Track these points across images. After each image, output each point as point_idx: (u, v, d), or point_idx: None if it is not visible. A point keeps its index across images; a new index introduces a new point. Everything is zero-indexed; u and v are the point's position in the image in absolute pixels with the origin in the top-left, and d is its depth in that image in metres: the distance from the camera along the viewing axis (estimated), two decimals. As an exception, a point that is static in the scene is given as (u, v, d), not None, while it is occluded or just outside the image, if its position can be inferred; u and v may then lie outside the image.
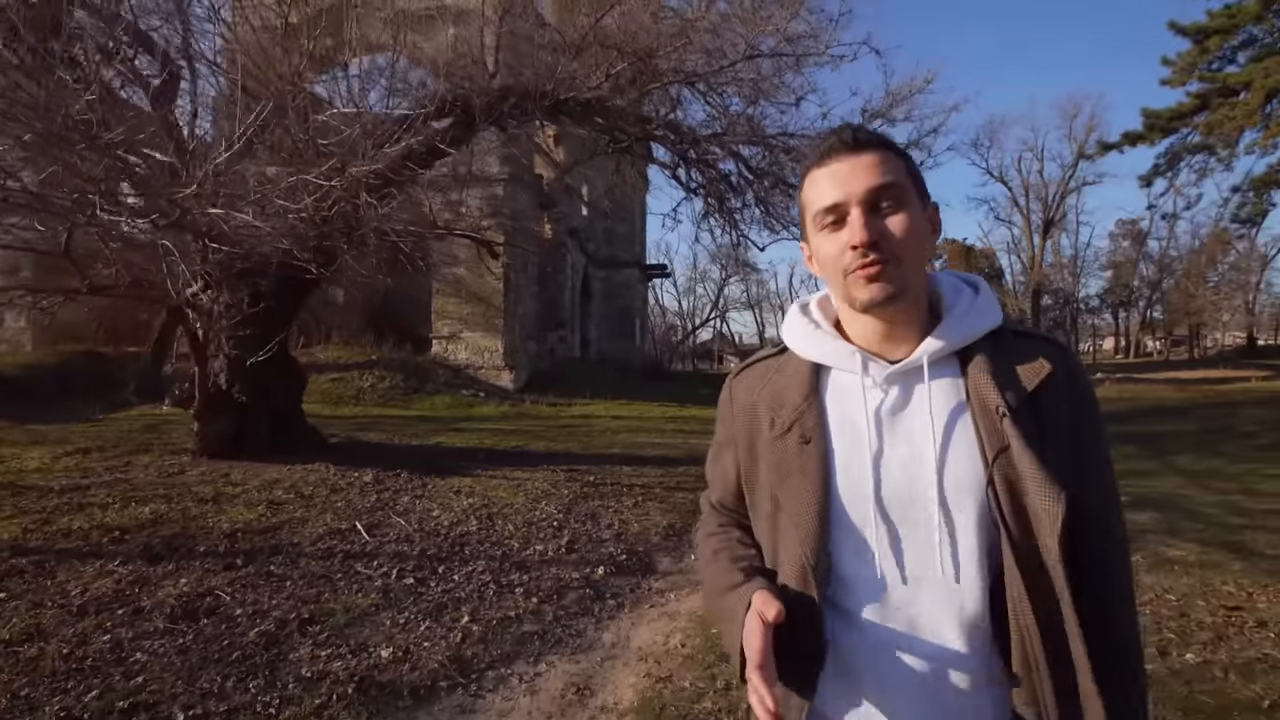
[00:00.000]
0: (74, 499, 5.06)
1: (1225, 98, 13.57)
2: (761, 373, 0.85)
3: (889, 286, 0.71)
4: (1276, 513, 4.80)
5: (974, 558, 0.70)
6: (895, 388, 0.76)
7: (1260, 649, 2.61)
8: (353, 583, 3.63)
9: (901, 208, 0.72)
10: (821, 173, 0.75)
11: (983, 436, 0.70)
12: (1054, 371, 0.72)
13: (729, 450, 0.88)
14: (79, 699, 2.39)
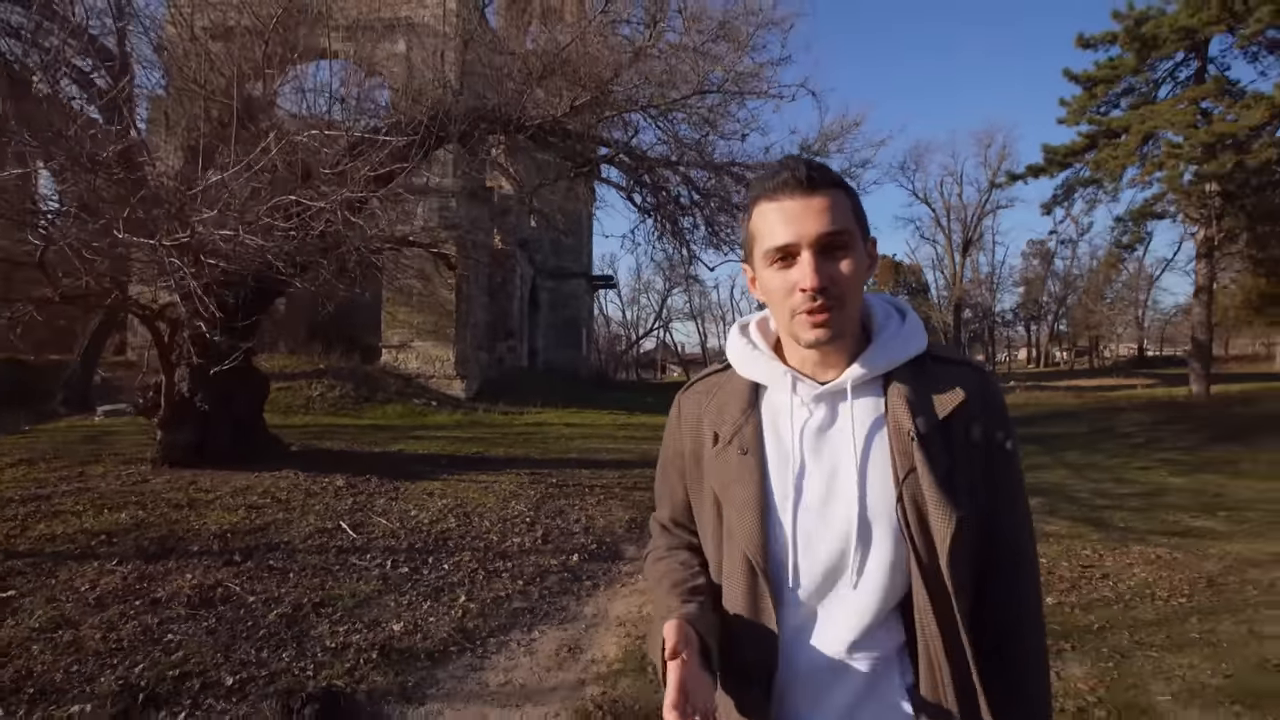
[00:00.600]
0: (42, 507, 5.13)
1: (1110, 138, 15.41)
2: (707, 388, 0.89)
3: (831, 330, 0.75)
4: (1133, 495, 5.81)
5: (883, 570, 0.74)
6: (822, 407, 0.80)
7: (1100, 593, 3.39)
8: (352, 573, 3.98)
9: (849, 252, 0.75)
10: (773, 207, 0.76)
11: (895, 458, 0.74)
12: (968, 399, 0.76)
13: (675, 464, 0.91)
14: (129, 671, 2.70)
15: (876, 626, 0.76)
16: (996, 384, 0.81)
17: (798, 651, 0.77)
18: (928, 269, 49.42)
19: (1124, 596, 3.35)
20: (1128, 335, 46.92)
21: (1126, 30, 14.55)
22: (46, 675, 2.64)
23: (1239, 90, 15.33)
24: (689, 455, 0.88)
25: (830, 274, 0.73)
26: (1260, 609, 3.11)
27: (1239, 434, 9.08)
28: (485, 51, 9.65)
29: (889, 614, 0.76)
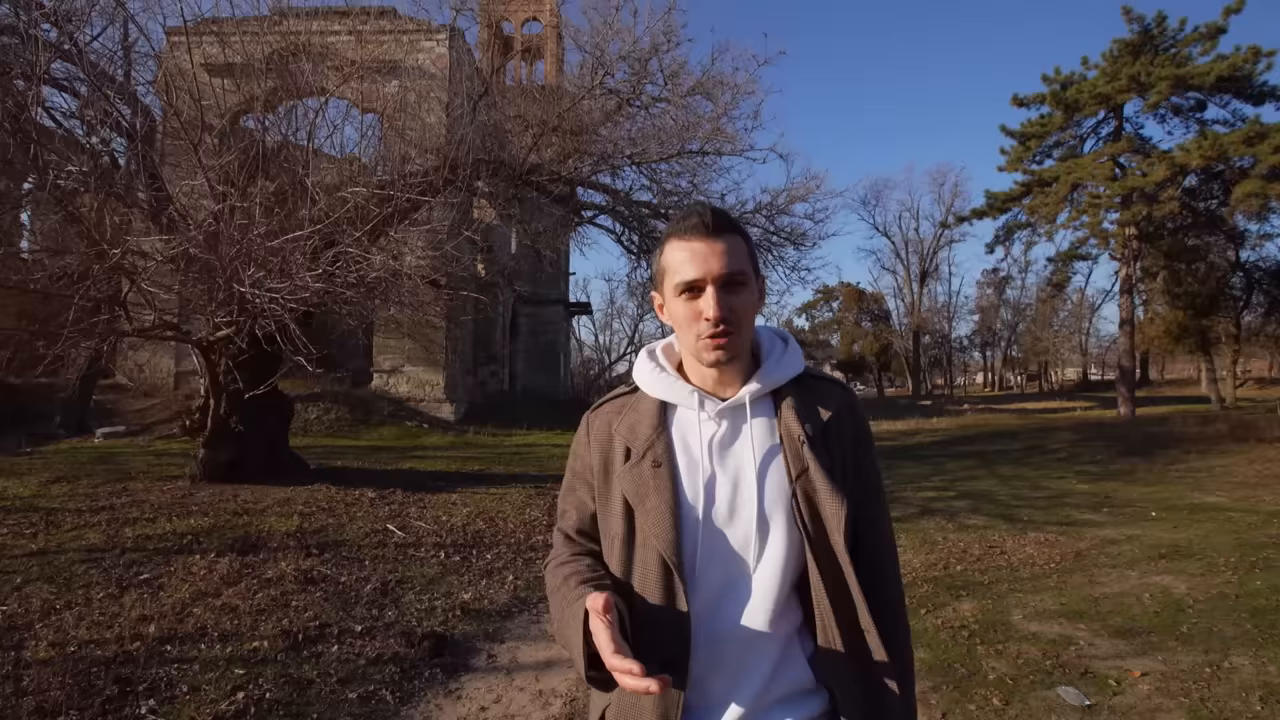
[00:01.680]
0: (115, 516, 5.89)
1: (1042, 187, 17.28)
2: (616, 408, 0.98)
3: (729, 352, 0.89)
4: (1042, 498, 7.08)
5: (780, 556, 0.87)
6: (725, 421, 0.92)
7: (997, 563, 4.54)
8: (415, 561, 4.89)
9: (744, 288, 0.89)
10: (682, 245, 0.89)
11: (789, 460, 0.88)
12: (839, 409, 0.93)
13: (583, 480, 0.99)
14: (279, 623, 3.59)
15: (778, 607, 0.87)
16: (856, 397, 0.99)
17: (712, 639, 0.87)
18: (890, 296, 51.80)
19: (1013, 565, 4.51)
20: (1073, 360, 49.94)
21: (1053, 94, 16.51)
22: (219, 626, 3.52)
23: (1150, 147, 17.41)
24: (598, 470, 0.96)
25: (730, 305, 0.87)
26: (1104, 569, 4.30)
27: (1143, 449, 10.56)
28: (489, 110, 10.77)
29: (788, 595, 0.87)
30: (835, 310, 49.76)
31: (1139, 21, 15.72)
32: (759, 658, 0.87)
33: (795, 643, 0.89)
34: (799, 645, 0.89)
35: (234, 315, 6.57)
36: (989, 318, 51.73)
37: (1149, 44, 15.81)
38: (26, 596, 3.82)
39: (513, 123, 10.67)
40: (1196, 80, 14.80)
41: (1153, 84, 14.78)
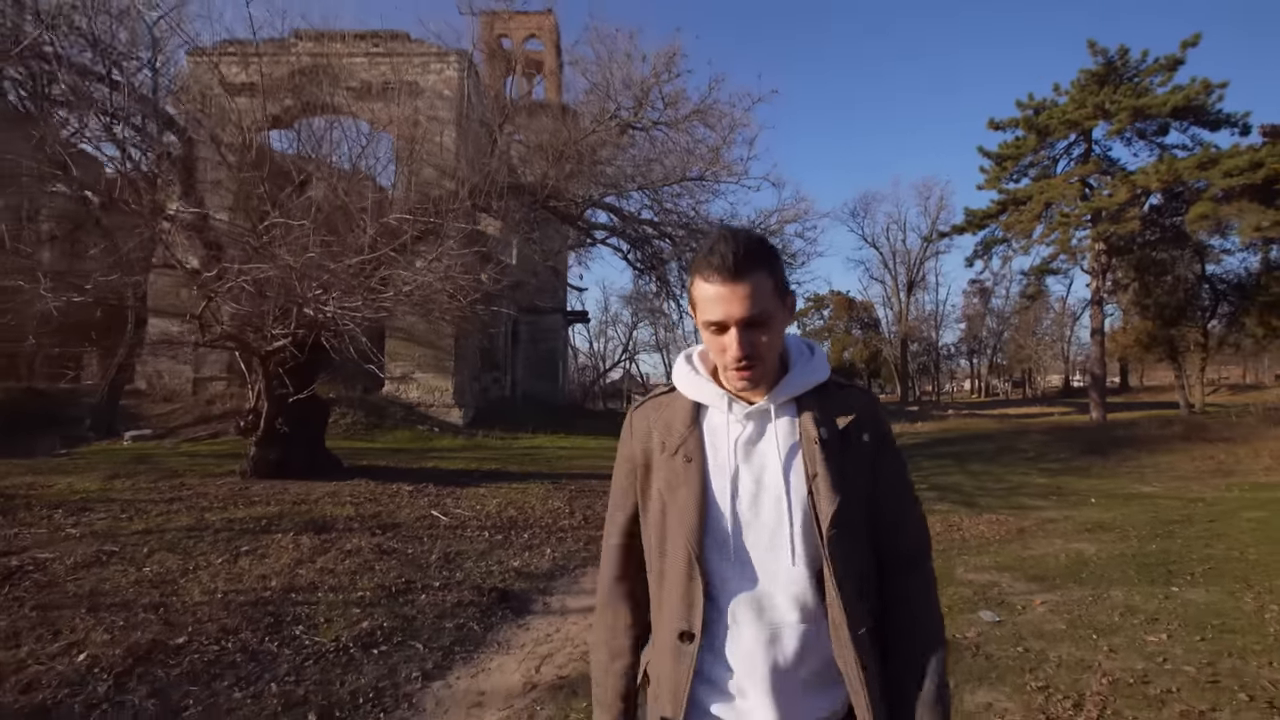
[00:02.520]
0: (189, 504, 6.72)
1: (1017, 205, 18.42)
2: (655, 406, 1.09)
3: (753, 382, 0.98)
4: (1002, 489, 8.07)
5: (800, 551, 0.95)
6: (752, 423, 1.01)
7: (954, 538, 5.49)
8: (464, 539, 5.77)
9: (767, 327, 0.96)
10: (708, 287, 0.95)
11: (807, 460, 0.97)
12: (859, 415, 1.01)
13: (631, 476, 1.09)
14: (371, 582, 4.47)
15: (800, 597, 0.95)
16: (878, 401, 1.08)
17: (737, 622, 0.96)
18: (879, 305, 53.02)
19: (965, 538, 5.47)
20: (1055, 367, 51.37)
21: (1026, 119, 17.67)
22: (325, 583, 4.39)
23: (1117, 169, 18.60)
24: (640, 462, 1.07)
25: (752, 342, 0.95)
26: (1037, 539, 5.26)
27: (1102, 449, 11.59)
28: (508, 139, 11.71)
29: (809, 587, 0.95)
30: (826, 318, 50.84)
31: (1103, 54, 16.94)
32: (786, 641, 0.94)
33: (821, 634, 0.95)
34: (826, 635, 0.95)
35: (292, 328, 7.46)
36: (975, 326, 53.08)
37: (1113, 74, 17.01)
38: (159, 562, 4.68)
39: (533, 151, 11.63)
40: (1153, 111, 16.00)
41: (1115, 113, 15.97)
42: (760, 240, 0.97)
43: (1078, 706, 2.46)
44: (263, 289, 6.87)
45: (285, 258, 6.59)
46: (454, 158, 10.99)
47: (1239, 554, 4.59)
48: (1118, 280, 20.70)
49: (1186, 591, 3.79)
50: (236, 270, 6.52)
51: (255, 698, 2.83)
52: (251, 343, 7.79)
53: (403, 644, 3.48)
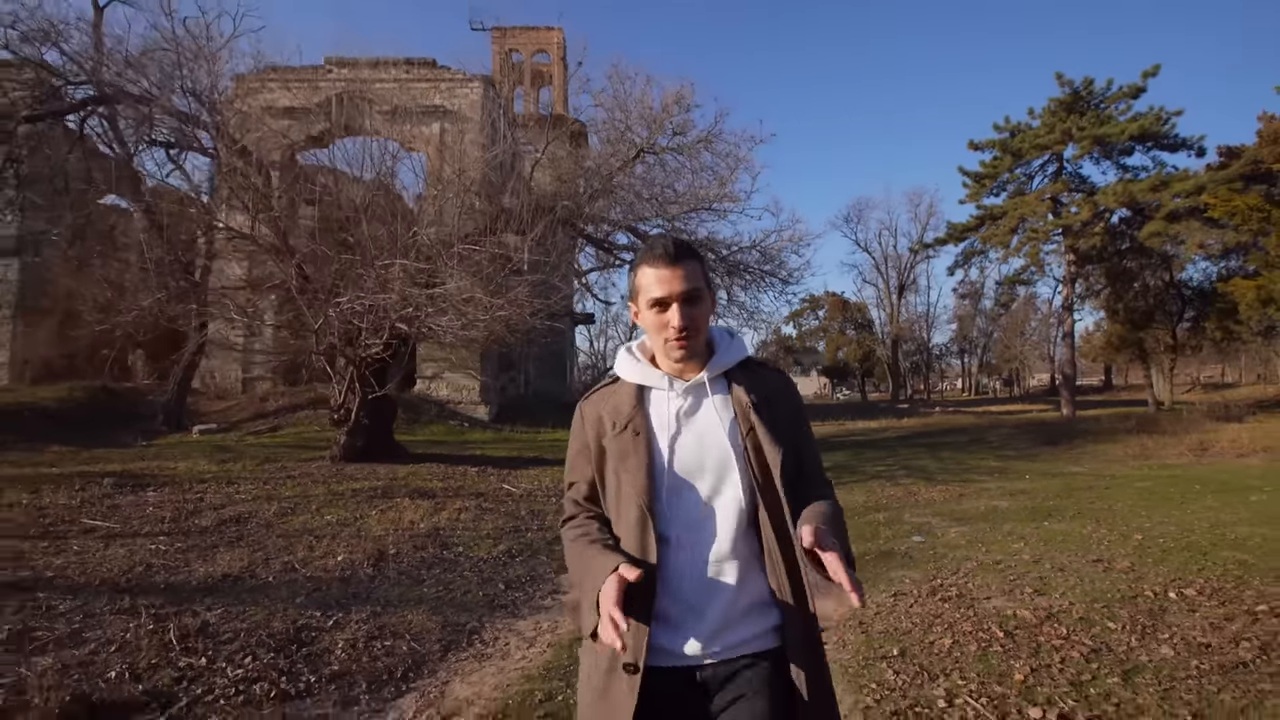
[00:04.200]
0: (305, 481, 8.43)
1: (994, 220, 20.22)
2: (602, 396, 1.30)
3: (690, 352, 1.20)
4: (959, 469, 9.88)
5: (737, 496, 1.16)
6: (690, 396, 1.22)
7: (908, 500, 7.29)
8: (538, 502, 7.53)
9: (701, 302, 1.19)
10: (651, 270, 1.18)
11: (740, 421, 1.19)
12: (778, 384, 1.26)
13: (584, 453, 1.29)
14: (489, 525, 6.22)
15: (738, 536, 1.15)
16: (790, 379, 1.33)
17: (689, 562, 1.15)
18: (872, 306, 54.91)
19: (917, 500, 7.26)
20: (1041, 366, 53.32)
21: (1001, 141, 19.45)
22: (455, 526, 6.14)
23: (1089, 186, 20.41)
24: (593, 445, 1.26)
25: (690, 316, 1.17)
26: (969, 499, 7.06)
27: (1056, 440, 13.42)
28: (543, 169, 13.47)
29: (746, 528, 1.15)
30: (821, 319, 52.51)
31: (1069, 85, 18.74)
32: (726, 577, 1.14)
33: (754, 565, 1.16)
34: (758, 567, 1.16)
35: (385, 339, 9.24)
36: (965, 326, 54.97)
37: (1079, 102, 18.81)
38: (330, 514, 6.42)
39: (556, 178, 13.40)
40: (1113, 139, 17.80)
41: (1079, 139, 17.77)
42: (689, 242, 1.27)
43: (954, 574, 4.26)
44: (371, 308, 8.63)
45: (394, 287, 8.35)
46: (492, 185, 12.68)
47: (1107, 506, 6.40)
48: (1090, 287, 22.54)
49: (1054, 525, 5.61)
50: (354, 295, 8.27)
51: (459, 578, 4.60)
52: (348, 351, 9.55)
53: (531, 556, 5.26)
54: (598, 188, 12.84)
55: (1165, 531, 5.15)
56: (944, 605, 3.64)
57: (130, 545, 4.97)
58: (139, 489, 7.43)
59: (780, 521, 1.14)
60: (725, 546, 1.14)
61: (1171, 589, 3.65)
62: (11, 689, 2.66)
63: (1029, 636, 3.09)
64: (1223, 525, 5.29)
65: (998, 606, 3.56)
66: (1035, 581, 3.97)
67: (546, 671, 3.11)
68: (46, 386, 16.84)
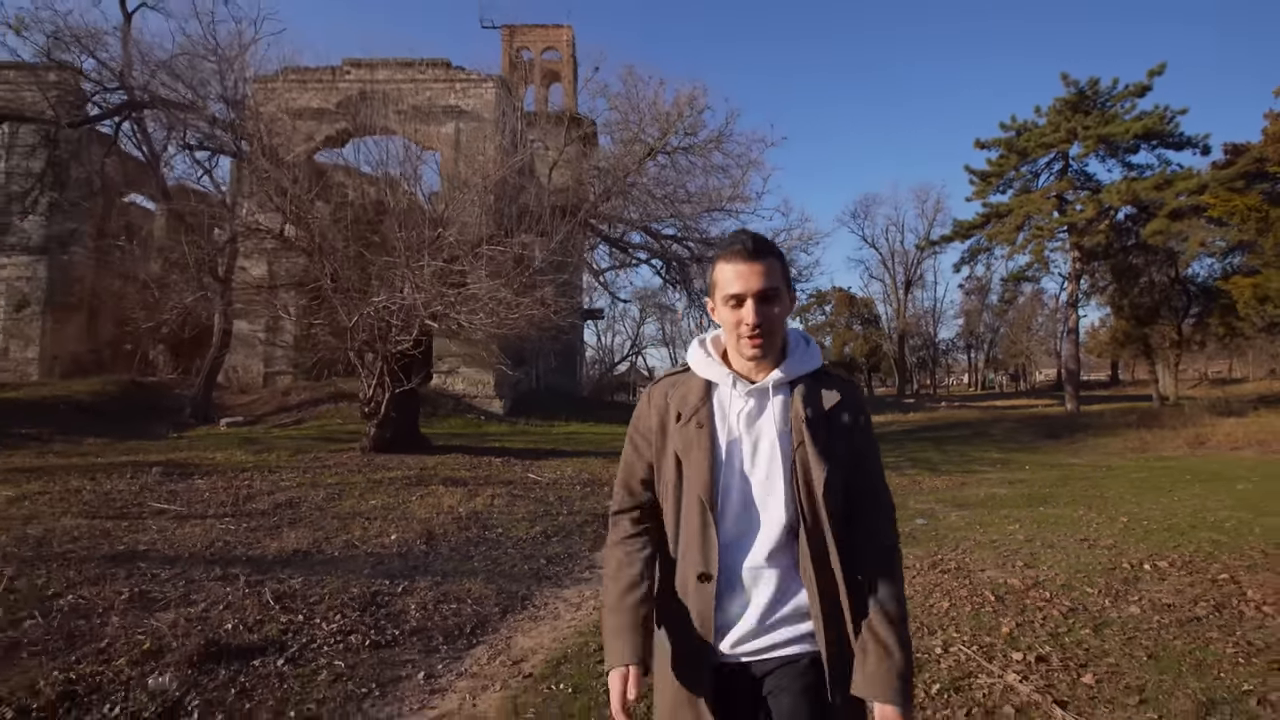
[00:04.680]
0: (342, 469, 8.94)
1: (999, 217, 20.52)
2: (672, 383, 1.30)
3: (762, 351, 1.19)
4: (962, 459, 10.31)
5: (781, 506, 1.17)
6: (753, 399, 1.21)
7: (913, 488, 7.73)
8: (564, 490, 8.00)
9: (778, 302, 1.18)
10: (729, 266, 1.18)
11: (795, 433, 1.18)
12: (842, 400, 1.21)
13: (644, 438, 1.30)
14: (520, 510, 6.70)
15: (779, 545, 1.16)
16: (861, 392, 1.27)
17: (734, 562, 1.17)
18: (879, 301, 55.17)
19: (922, 488, 7.71)
20: (1048, 362, 53.50)
21: (1007, 141, 19.74)
22: (490, 511, 6.61)
23: (1095, 183, 20.67)
24: (655, 430, 1.27)
25: (765, 315, 1.17)
26: (971, 488, 7.49)
27: (1058, 433, 13.81)
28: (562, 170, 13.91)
29: (788, 538, 1.16)
30: (828, 314, 52.74)
31: (1074, 85, 19.00)
32: (764, 584, 1.16)
33: (793, 576, 1.17)
34: (797, 579, 1.17)
35: (415, 335, 9.73)
36: (972, 322, 55.12)
37: (1084, 101, 19.07)
38: (373, 499, 6.92)
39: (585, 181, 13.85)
40: (1117, 138, 18.07)
41: (1084, 139, 18.06)
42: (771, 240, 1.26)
43: (953, 551, 4.71)
44: (403, 307, 9.12)
45: (424, 286, 8.83)
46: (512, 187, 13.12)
47: (1099, 494, 6.84)
48: (1095, 283, 22.83)
49: (1048, 510, 6.05)
50: (390, 296, 8.75)
51: (504, 555, 5.09)
52: (379, 346, 10.05)
53: (566, 537, 5.74)
54: (612, 187, 13.30)
55: (1150, 515, 5.59)
56: (943, 576, 4.09)
57: (202, 525, 5.49)
58: (186, 477, 7.96)
59: (819, 541, 1.15)
60: (763, 555, 1.16)
61: (1147, 562, 4.09)
62: (152, 635, 3.16)
63: (1016, 600, 3.55)
64: (1205, 511, 5.72)
65: (991, 577, 4.01)
66: (1026, 556, 4.42)
67: (596, 629, 3.58)
68: (78, 380, 17.41)
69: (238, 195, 14.79)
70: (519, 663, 3.21)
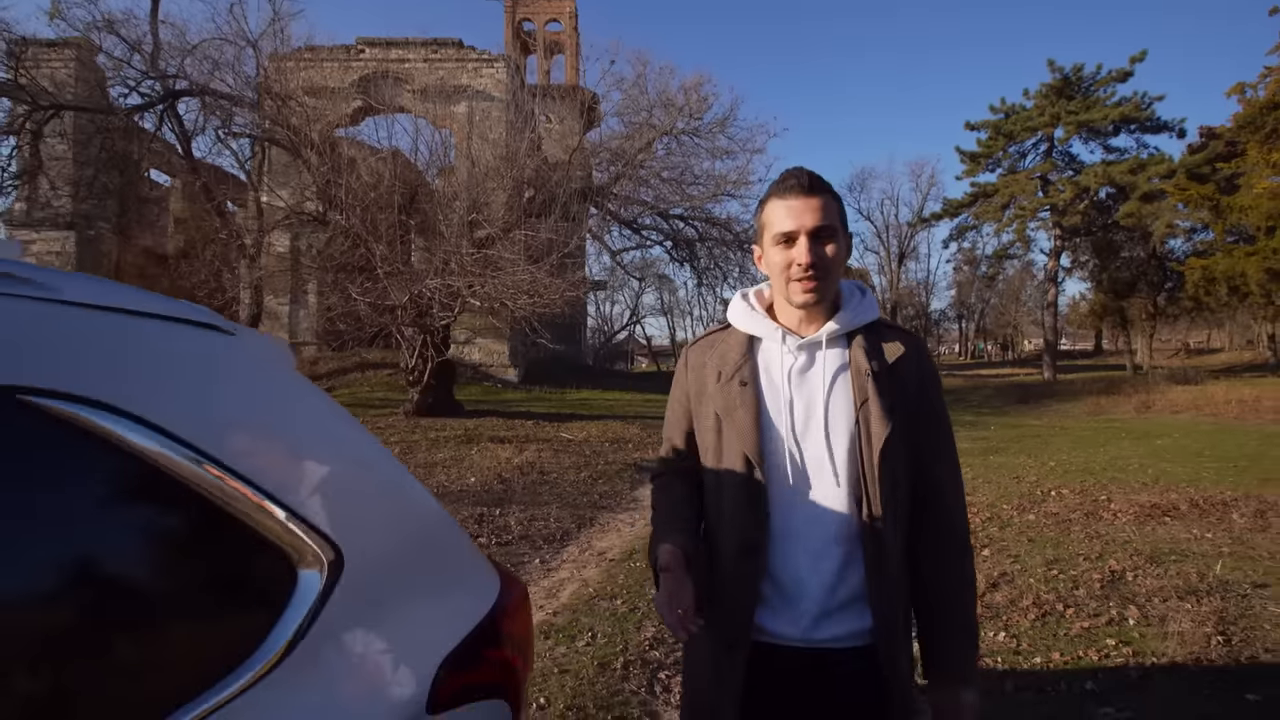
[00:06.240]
0: (389, 430, 10.28)
1: (986, 197, 21.66)
2: (710, 342, 1.18)
3: (817, 295, 1.04)
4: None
5: (844, 473, 1.03)
6: (803, 354, 1.08)
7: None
8: (595, 445, 9.37)
9: (833, 240, 1.04)
10: (781, 204, 1.05)
11: (855, 390, 1.05)
12: (906, 352, 1.08)
13: (680, 403, 1.20)
14: (568, 462, 8.07)
15: (842, 517, 1.03)
16: (924, 344, 1.14)
17: (785, 536, 1.04)
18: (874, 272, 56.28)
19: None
20: (1036, 332, 55.08)
21: (995, 124, 20.74)
22: (541, 462, 7.97)
23: (1079, 164, 21.78)
24: (693, 394, 1.16)
25: (819, 254, 1.03)
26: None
27: (1029, 399, 15.28)
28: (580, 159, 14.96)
29: (851, 508, 1.03)
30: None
31: (1059, 71, 19.95)
32: (827, 559, 1.03)
33: (856, 555, 1.03)
34: (859, 558, 1.03)
35: (456, 312, 11.00)
36: (964, 292, 56.40)
37: (1069, 87, 20.05)
38: (447, 450, 8.25)
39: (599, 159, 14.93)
40: (1097, 123, 19.13)
41: (1067, 123, 19.11)
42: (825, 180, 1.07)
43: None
44: (448, 287, 10.35)
45: (469, 269, 10.06)
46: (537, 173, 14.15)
47: (1043, 446, 8.27)
48: (1077, 258, 24.11)
49: (997, 458, 7.48)
50: (440, 281, 9.98)
51: (564, 491, 6.47)
52: (422, 322, 11.31)
53: (609, 480, 7.13)
54: (623, 171, 14.43)
55: (1074, 461, 7.02)
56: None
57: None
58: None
59: (884, 513, 1.02)
60: (826, 529, 1.04)
61: (1054, 490, 5.51)
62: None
63: (953, 514, 4.96)
64: (1120, 458, 7.16)
65: (939, 501, 5.43)
66: (968, 487, 5.80)
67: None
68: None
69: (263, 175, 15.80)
70: (602, 554, 4.59)
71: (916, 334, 1.15)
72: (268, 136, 14.08)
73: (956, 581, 1.07)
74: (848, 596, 1.03)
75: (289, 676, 0.67)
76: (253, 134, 15.03)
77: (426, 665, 0.84)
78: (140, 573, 0.63)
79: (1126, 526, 4.37)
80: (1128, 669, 2.56)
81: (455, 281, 10.31)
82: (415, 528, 0.94)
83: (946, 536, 1.07)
